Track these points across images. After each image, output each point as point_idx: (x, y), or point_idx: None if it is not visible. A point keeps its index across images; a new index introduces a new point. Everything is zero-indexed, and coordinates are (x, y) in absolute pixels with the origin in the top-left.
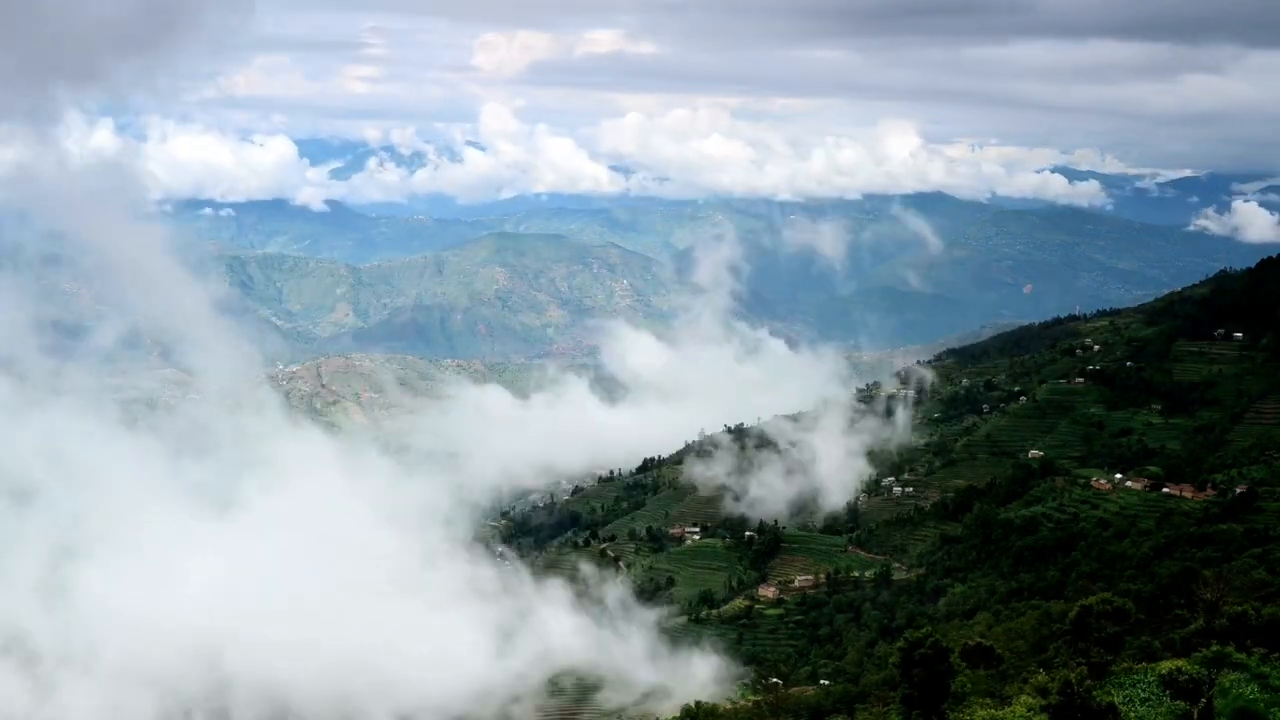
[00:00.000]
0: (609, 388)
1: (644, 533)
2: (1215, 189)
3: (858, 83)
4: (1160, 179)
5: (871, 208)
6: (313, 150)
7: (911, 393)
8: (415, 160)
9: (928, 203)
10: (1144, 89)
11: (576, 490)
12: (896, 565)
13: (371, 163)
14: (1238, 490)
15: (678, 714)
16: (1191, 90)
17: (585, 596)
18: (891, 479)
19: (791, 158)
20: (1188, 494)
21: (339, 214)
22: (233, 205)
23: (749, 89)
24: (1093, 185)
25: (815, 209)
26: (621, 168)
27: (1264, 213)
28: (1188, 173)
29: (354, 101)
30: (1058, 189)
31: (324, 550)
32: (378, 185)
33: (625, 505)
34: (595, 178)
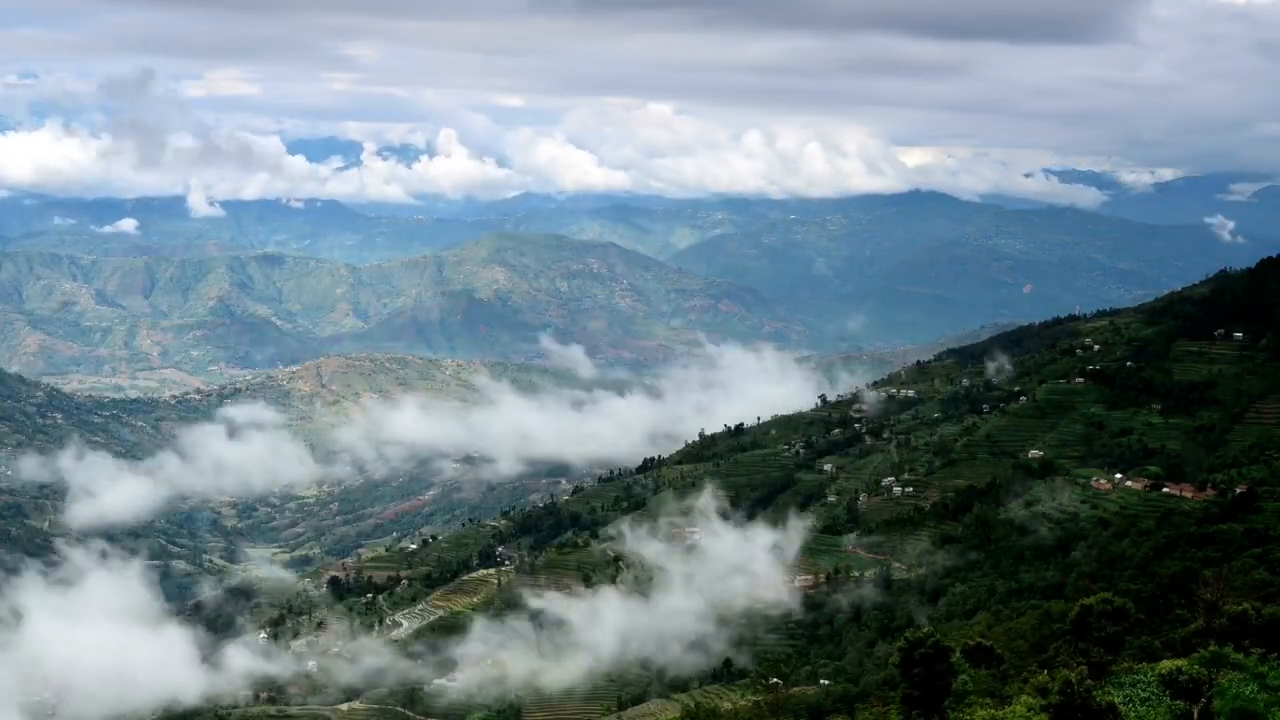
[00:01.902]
0: (606, 387)
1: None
2: (1213, 189)
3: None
4: (1160, 179)
5: (871, 207)
6: (311, 150)
7: (911, 392)
8: (413, 158)
9: (928, 202)
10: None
11: (577, 490)
12: (896, 565)
13: (370, 162)
14: (1238, 490)
15: (678, 714)
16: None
17: None
18: (891, 479)
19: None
20: (1188, 494)
21: (339, 213)
22: (232, 205)
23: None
24: (1093, 185)
25: (815, 208)
26: (621, 168)
27: (1225, 218)
28: (1186, 173)
29: (348, 102)
30: (1058, 189)
31: None
32: (377, 184)
33: (625, 505)
34: (595, 177)
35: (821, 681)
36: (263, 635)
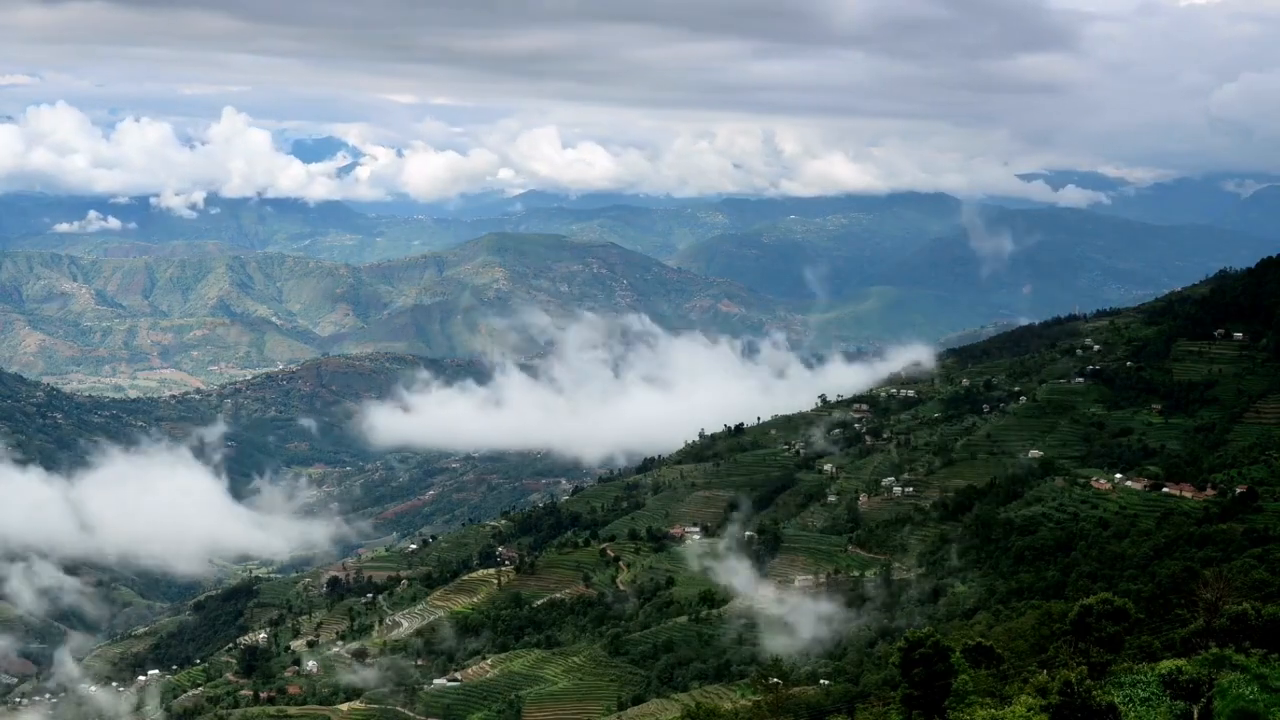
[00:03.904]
0: (605, 387)
1: (644, 533)
2: (1212, 189)
3: None
4: (1159, 179)
5: (871, 207)
6: (311, 150)
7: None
8: (412, 157)
9: (928, 202)
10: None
11: (577, 490)
12: (896, 565)
13: (370, 161)
14: (1238, 490)
15: (678, 714)
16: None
17: None
18: (891, 479)
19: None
20: (1188, 494)
21: (338, 213)
22: (231, 204)
23: None
24: (1093, 185)
25: (816, 209)
26: (620, 167)
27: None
28: (1186, 172)
29: (347, 102)
30: (1058, 189)
31: None
32: (377, 184)
33: (625, 505)
34: (595, 177)
35: (821, 681)
36: (263, 634)
